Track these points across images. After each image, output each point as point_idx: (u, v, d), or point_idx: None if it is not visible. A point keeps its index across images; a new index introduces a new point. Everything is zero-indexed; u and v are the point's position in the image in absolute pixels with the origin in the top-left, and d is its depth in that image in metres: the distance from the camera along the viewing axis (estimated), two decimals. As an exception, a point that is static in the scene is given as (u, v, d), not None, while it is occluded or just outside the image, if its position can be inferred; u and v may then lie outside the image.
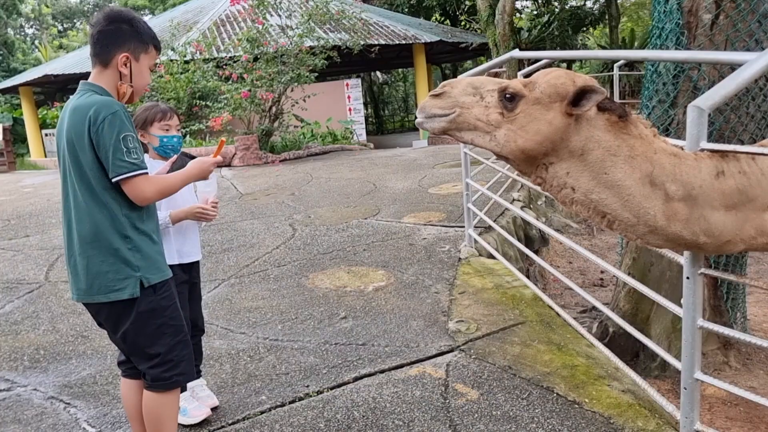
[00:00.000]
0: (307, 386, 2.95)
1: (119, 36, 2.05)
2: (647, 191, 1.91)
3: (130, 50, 2.06)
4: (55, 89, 22.77)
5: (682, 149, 2.17)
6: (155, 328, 2.08)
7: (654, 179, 1.92)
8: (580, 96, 1.84)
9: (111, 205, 2.00)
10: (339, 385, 2.95)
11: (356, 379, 3.00)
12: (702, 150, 2.04)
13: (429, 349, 3.29)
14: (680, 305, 2.63)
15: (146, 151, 2.82)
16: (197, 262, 2.84)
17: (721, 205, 1.95)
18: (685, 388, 2.31)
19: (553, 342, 3.31)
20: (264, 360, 3.28)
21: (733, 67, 3.25)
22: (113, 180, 1.96)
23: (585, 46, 31.75)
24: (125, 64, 2.06)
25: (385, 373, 3.04)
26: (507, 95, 1.89)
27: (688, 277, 2.23)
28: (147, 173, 2.02)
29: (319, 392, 2.89)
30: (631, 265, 3.93)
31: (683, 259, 2.26)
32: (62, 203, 2.11)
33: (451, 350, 3.26)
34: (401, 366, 3.11)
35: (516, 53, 4.49)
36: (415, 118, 2.07)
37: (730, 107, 3.33)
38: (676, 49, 3.27)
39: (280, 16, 13.27)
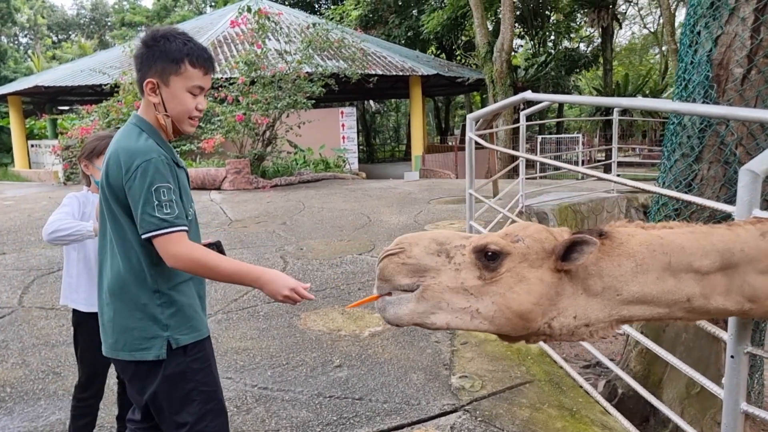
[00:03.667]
0: (299, 447, 2.69)
1: (148, 60, 1.79)
2: (671, 285, 1.68)
3: (157, 74, 1.78)
4: (45, 100, 22.47)
5: (732, 216, 2.01)
6: (184, 393, 1.82)
7: (674, 268, 1.68)
8: (570, 249, 1.58)
9: (142, 258, 1.77)
10: (334, 447, 2.69)
11: (353, 440, 2.75)
12: (755, 217, 1.87)
13: (431, 407, 3.04)
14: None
15: (88, 184, 2.60)
16: None
17: None
18: (724, 479, 2.09)
19: (564, 406, 3.08)
20: (252, 412, 3.01)
21: (762, 125, 3.14)
22: (142, 237, 1.71)
23: (577, 87, 32.21)
24: (153, 91, 1.79)
25: (385, 435, 2.79)
26: (489, 253, 1.58)
27: (732, 356, 2.03)
28: (183, 231, 1.74)
29: (312, 455, 2.63)
30: (643, 324, 3.72)
31: (727, 335, 2.06)
32: (99, 243, 1.88)
33: (455, 410, 3.02)
34: (401, 427, 2.86)
35: (528, 95, 4.35)
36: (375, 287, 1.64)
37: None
38: (704, 102, 3.12)
39: (279, 41, 13.18)
